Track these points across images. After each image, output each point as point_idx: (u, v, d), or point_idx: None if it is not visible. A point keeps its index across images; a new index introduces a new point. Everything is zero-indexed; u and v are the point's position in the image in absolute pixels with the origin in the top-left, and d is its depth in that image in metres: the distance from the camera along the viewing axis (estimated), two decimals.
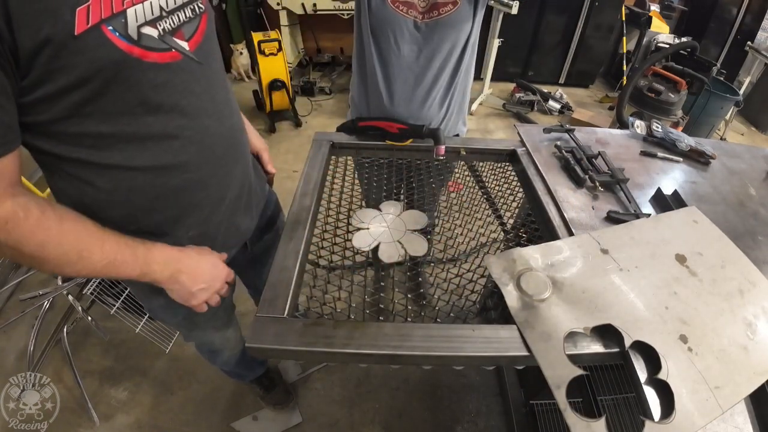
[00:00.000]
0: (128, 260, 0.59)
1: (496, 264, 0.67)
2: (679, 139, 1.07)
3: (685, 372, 0.54)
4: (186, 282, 0.67)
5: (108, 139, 0.55)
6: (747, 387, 0.55)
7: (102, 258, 0.56)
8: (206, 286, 0.70)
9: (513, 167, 1.07)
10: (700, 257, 0.69)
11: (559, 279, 0.64)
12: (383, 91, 1.10)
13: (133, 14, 0.51)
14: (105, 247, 0.57)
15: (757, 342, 0.58)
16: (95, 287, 1.28)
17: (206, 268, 0.70)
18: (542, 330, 0.58)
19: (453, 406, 1.48)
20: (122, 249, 0.58)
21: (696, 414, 0.51)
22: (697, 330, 0.59)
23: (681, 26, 4.37)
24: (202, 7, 0.62)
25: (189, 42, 0.59)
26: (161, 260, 0.64)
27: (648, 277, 0.66)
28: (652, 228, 0.75)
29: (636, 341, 0.56)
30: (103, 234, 0.57)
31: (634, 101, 2.48)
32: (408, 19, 1.00)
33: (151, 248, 0.63)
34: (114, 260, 0.58)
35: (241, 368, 1.26)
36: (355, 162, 1.10)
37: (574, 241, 0.72)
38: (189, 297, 0.69)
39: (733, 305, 0.63)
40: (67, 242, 0.53)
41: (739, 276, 0.67)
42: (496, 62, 3.40)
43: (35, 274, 1.74)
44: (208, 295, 0.72)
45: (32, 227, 0.50)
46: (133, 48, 0.51)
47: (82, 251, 0.55)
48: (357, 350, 0.58)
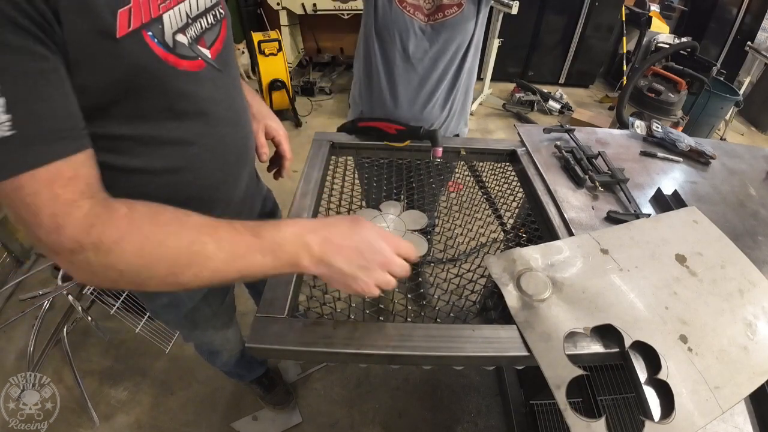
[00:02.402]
0: (250, 248, 0.46)
1: (496, 264, 0.67)
2: (679, 139, 1.07)
3: (685, 372, 0.54)
4: (337, 263, 0.50)
5: (127, 141, 0.54)
6: (747, 387, 0.55)
7: (218, 250, 0.45)
8: (366, 264, 0.51)
9: (513, 167, 1.07)
10: (700, 257, 0.69)
11: (559, 279, 0.64)
12: (386, 92, 1.10)
13: (168, 20, 0.51)
14: (219, 233, 0.45)
15: (757, 342, 0.58)
16: (95, 287, 1.28)
17: (357, 241, 0.51)
18: (542, 330, 0.58)
19: (453, 406, 1.48)
20: (241, 233, 0.46)
21: (696, 414, 0.51)
22: (697, 330, 0.59)
23: (681, 26, 4.38)
24: (222, 12, 0.62)
25: (210, 49, 0.59)
26: (292, 239, 0.48)
27: (648, 278, 0.66)
28: (652, 228, 0.75)
29: (636, 341, 0.56)
30: (211, 220, 0.47)
31: (634, 101, 2.47)
32: (414, 20, 1.00)
33: (278, 226, 0.48)
34: (235, 252, 0.46)
35: (241, 369, 1.26)
36: (355, 162, 1.10)
37: (573, 241, 0.72)
38: (349, 282, 0.51)
39: (733, 305, 0.63)
40: (169, 238, 0.43)
41: (738, 276, 0.67)
42: (496, 62, 3.40)
43: (35, 274, 1.74)
44: (375, 277, 0.52)
45: (123, 229, 0.42)
46: (168, 55, 0.51)
47: (192, 244, 0.44)
48: (357, 350, 0.58)
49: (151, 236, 0.43)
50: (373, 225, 0.54)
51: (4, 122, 0.37)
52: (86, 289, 1.28)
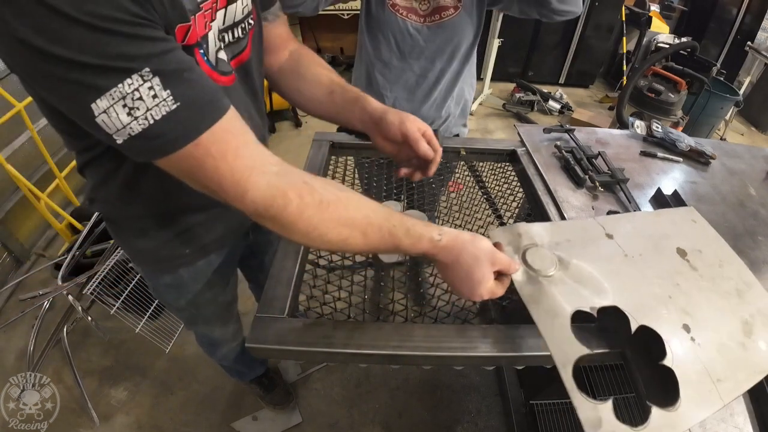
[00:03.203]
0: (390, 250, 0.56)
1: (501, 236, 0.65)
2: (679, 139, 1.07)
3: (690, 362, 0.54)
4: (460, 274, 0.56)
5: None
6: (747, 383, 0.55)
7: (366, 245, 0.54)
8: (466, 290, 0.57)
9: (513, 167, 1.07)
10: (699, 254, 0.69)
11: (565, 258, 0.63)
12: (384, 92, 1.10)
13: (212, 38, 0.52)
14: (367, 239, 0.53)
15: (753, 341, 0.58)
16: (95, 287, 1.28)
17: (464, 275, 0.56)
18: (548, 306, 0.57)
19: (453, 406, 1.48)
20: (385, 240, 0.54)
21: (700, 404, 0.51)
22: (699, 322, 0.58)
23: (681, 26, 4.38)
24: (251, 23, 0.61)
25: (232, 61, 0.59)
26: (427, 252, 0.56)
27: (652, 267, 0.65)
28: (653, 222, 0.75)
29: (642, 326, 0.55)
30: (365, 223, 0.53)
31: (634, 101, 2.47)
32: (408, 22, 1.00)
33: (417, 241, 0.55)
34: (376, 248, 0.55)
35: (241, 365, 1.27)
36: (355, 162, 1.10)
37: (577, 223, 0.71)
38: (469, 289, 0.57)
39: (731, 304, 0.62)
40: (330, 232, 0.51)
41: (735, 276, 0.67)
42: (496, 62, 3.40)
43: (35, 274, 1.74)
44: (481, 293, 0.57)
45: (294, 218, 0.48)
46: (213, 72, 0.53)
47: (347, 239, 0.52)
48: (357, 350, 0.58)
49: (317, 228, 0.50)
50: (485, 264, 0.56)
51: (167, 98, 0.41)
52: (86, 289, 1.28)
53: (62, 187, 1.77)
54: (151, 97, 0.40)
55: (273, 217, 0.48)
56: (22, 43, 0.36)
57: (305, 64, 0.75)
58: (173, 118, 0.42)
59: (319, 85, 0.74)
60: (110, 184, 0.62)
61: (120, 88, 0.39)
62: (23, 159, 1.83)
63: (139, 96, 0.40)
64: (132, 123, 0.40)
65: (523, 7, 0.99)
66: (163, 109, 0.41)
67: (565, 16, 0.97)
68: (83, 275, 1.33)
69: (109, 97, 0.39)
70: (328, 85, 0.74)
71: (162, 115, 0.41)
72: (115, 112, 0.39)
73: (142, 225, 0.70)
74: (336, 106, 0.74)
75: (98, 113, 0.39)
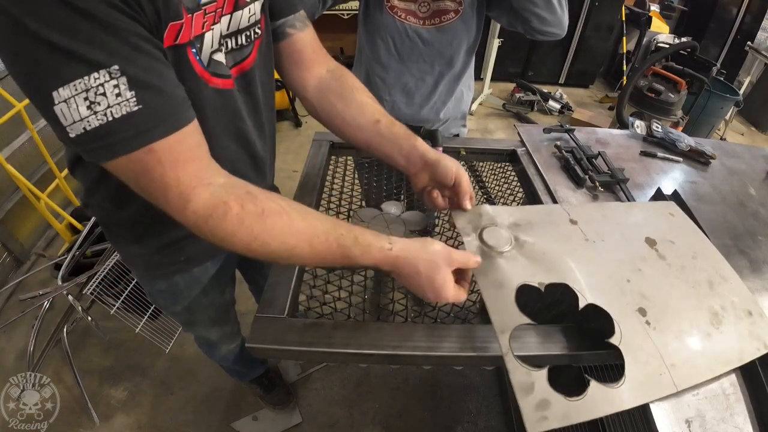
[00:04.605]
0: (339, 261, 0.53)
1: (461, 216, 0.67)
2: (679, 139, 1.07)
3: (640, 342, 0.54)
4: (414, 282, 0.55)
5: None
6: (707, 373, 0.55)
7: (313, 257, 0.52)
8: (431, 295, 0.56)
9: (513, 167, 1.07)
10: (671, 245, 0.69)
11: (522, 238, 0.64)
12: (383, 93, 1.10)
13: (209, 39, 0.52)
14: (313, 249, 0.51)
15: (721, 332, 0.58)
16: (95, 287, 1.28)
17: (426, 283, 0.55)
18: (495, 278, 0.58)
19: (453, 406, 1.48)
20: (333, 250, 0.52)
21: (646, 385, 0.51)
22: (657, 307, 0.58)
23: (681, 26, 4.38)
24: (258, 32, 0.61)
25: (234, 68, 0.59)
26: (379, 263, 0.54)
27: (613, 252, 0.65)
28: (625, 212, 0.76)
29: (590, 304, 0.56)
30: (310, 233, 0.51)
31: (634, 101, 2.47)
32: (406, 24, 1.00)
33: (367, 251, 0.53)
34: (324, 259, 0.53)
35: (241, 365, 1.26)
36: (355, 162, 1.10)
37: (543, 208, 0.72)
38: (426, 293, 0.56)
39: (699, 293, 0.62)
40: (272, 242, 0.49)
41: (710, 269, 0.66)
42: (496, 62, 3.40)
43: (35, 274, 1.74)
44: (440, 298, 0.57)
45: (234, 227, 0.47)
46: (204, 72, 0.53)
47: (292, 250, 0.50)
48: (357, 350, 0.58)
49: (258, 237, 0.48)
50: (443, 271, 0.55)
51: (130, 98, 0.40)
52: (86, 289, 1.28)
53: (62, 187, 1.77)
54: (114, 95, 0.40)
55: (212, 228, 0.47)
56: (2, 12, 0.36)
57: (349, 88, 0.71)
58: (132, 119, 0.41)
59: (365, 113, 0.70)
60: (102, 188, 0.62)
61: (85, 80, 0.38)
62: (23, 159, 1.83)
63: (103, 92, 0.39)
64: (90, 117, 0.40)
65: (511, 20, 0.99)
66: (124, 108, 0.40)
67: (548, 37, 0.97)
68: (83, 275, 1.33)
69: (73, 87, 0.38)
70: (373, 113, 0.70)
71: (122, 114, 0.40)
72: (75, 103, 0.39)
73: (136, 231, 0.70)
74: (380, 137, 0.69)
75: (58, 101, 0.39)
